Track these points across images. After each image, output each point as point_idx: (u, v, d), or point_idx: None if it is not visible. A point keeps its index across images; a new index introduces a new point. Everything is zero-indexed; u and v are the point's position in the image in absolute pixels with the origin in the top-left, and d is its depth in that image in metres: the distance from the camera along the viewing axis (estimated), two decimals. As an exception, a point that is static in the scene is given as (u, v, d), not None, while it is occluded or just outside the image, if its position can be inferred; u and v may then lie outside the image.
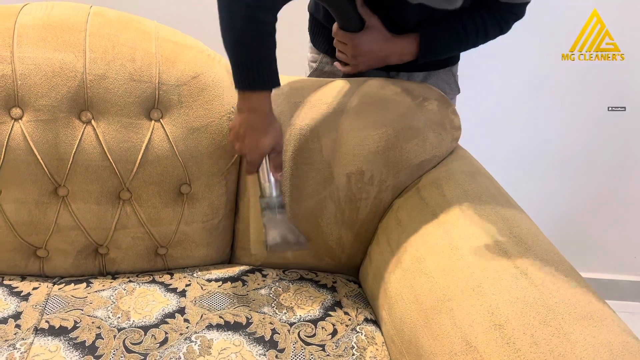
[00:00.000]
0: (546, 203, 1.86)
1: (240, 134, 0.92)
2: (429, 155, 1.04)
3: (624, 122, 1.71)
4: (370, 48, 1.05)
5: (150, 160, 0.96)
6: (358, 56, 1.06)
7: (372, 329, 0.93)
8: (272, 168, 0.94)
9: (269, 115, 0.91)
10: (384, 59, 1.07)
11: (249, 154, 0.93)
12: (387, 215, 1.04)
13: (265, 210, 0.95)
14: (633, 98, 1.68)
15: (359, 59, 1.07)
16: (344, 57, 1.09)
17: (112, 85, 0.92)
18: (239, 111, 0.91)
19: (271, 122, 0.92)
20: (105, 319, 0.89)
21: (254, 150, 0.92)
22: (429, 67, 1.17)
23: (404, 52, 1.06)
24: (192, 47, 1.00)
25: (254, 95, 0.89)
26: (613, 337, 0.63)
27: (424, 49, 1.06)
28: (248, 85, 0.88)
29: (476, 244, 0.82)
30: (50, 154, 0.92)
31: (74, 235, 0.99)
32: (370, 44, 1.05)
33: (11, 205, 0.95)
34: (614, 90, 1.67)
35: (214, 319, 0.90)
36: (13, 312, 0.89)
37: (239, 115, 0.91)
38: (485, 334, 0.68)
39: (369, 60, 1.07)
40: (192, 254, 1.07)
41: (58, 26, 0.92)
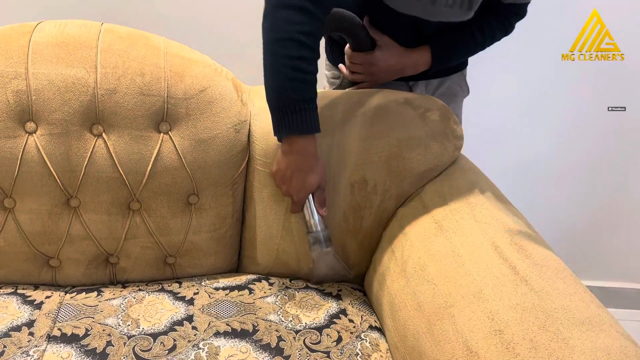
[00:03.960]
0: (547, 207, 1.86)
1: (287, 176, 0.94)
2: (432, 164, 1.06)
3: (624, 122, 1.71)
4: (387, 64, 1.11)
5: (159, 172, 0.99)
6: (375, 74, 1.12)
7: (377, 336, 0.94)
8: (316, 204, 0.97)
9: (315, 155, 0.94)
10: (400, 71, 1.13)
11: (296, 195, 0.95)
12: (390, 223, 1.06)
13: (315, 245, 0.98)
14: (633, 98, 1.68)
15: (377, 76, 1.13)
16: (360, 78, 1.14)
17: (122, 99, 0.95)
18: (284, 155, 0.93)
19: (317, 161, 0.94)
20: (116, 327, 0.91)
21: (301, 190, 0.94)
22: (443, 73, 1.23)
23: (418, 63, 1.12)
24: (200, 61, 1.03)
25: (301, 139, 0.91)
26: (611, 341, 0.64)
27: (437, 58, 1.11)
28: (298, 130, 0.89)
29: (477, 251, 0.84)
30: (62, 166, 0.95)
31: (85, 245, 1.02)
32: (387, 61, 1.10)
33: (25, 216, 0.97)
34: (614, 90, 1.67)
35: (222, 326, 0.92)
36: (26, 320, 0.91)
37: (284, 158, 0.93)
38: (485, 339, 0.69)
39: (387, 75, 1.13)
40: (200, 263, 1.09)
41: (71, 43, 0.95)
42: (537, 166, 1.81)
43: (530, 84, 1.70)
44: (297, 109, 0.87)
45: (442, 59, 1.13)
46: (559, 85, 1.69)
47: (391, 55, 1.10)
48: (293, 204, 0.97)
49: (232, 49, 1.52)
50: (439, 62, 1.13)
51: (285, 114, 0.88)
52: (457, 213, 0.94)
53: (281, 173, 0.95)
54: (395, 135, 1.04)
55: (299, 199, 0.96)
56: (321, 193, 0.98)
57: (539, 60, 1.67)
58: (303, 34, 0.85)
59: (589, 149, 1.77)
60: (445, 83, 1.25)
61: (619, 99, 1.70)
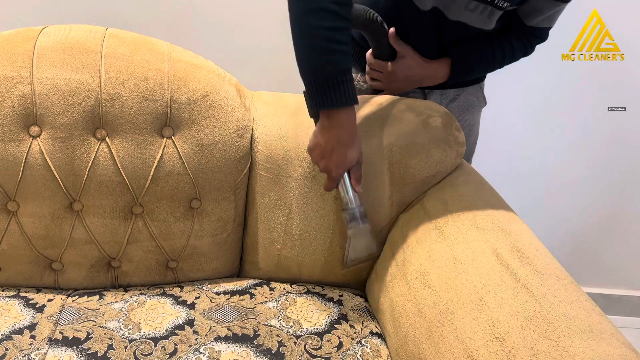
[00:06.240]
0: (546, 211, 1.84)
1: (327, 151, 0.91)
2: (434, 171, 1.06)
3: (624, 122, 1.71)
4: (406, 74, 1.12)
5: (162, 176, 0.99)
6: (394, 82, 1.13)
7: (378, 342, 0.94)
8: (353, 181, 0.95)
9: (355, 128, 0.92)
10: (419, 82, 1.15)
11: (335, 169, 0.93)
12: (392, 229, 1.06)
13: (352, 222, 0.97)
14: (633, 98, 1.68)
15: (395, 85, 1.14)
16: (377, 85, 1.15)
17: (126, 104, 0.96)
18: (323, 129, 0.90)
19: (356, 134, 0.93)
20: (117, 331, 0.91)
21: (340, 165, 0.92)
22: (460, 84, 1.23)
23: (437, 75, 1.14)
24: (203, 66, 1.03)
25: (341, 111, 0.88)
26: (612, 350, 0.64)
27: (455, 71, 1.13)
28: (339, 103, 0.86)
29: (478, 258, 0.84)
30: (66, 170, 0.96)
31: (87, 248, 1.02)
32: (406, 71, 1.11)
33: (28, 219, 0.98)
34: (614, 90, 1.67)
35: (222, 331, 0.92)
36: (28, 323, 0.92)
37: (323, 134, 0.91)
38: (486, 346, 0.69)
39: (406, 85, 1.15)
40: (201, 267, 1.09)
41: (75, 48, 0.96)
42: (536, 167, 1.80)
43: (530, 85, 1.70)
44: (336, 81, 0.85)
45: (460, 72, 1.14)
46: (558, 86, 1.69)
47: (410, 66, 1.11)
48: (329, 180, 0.95)
49: (236, 54, 1.53)
50: (458, 74, 1.14)
51: (322, 88, 0.85)
52: (459, 219, 0.94)
53: (320, 148, 0.92)
54: (397, 141, 1.04)
55: (338, 175, 0.93)
56: (358, 169, 0.96)
57: (539, 61, 1.66)
58: (336, 4, 0.83)
59: (589, 149, 1.76)
60: (461, 94, 1.25)
61: (619, 99, 1.69)
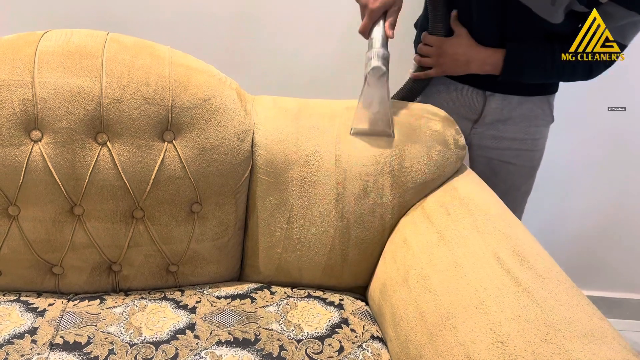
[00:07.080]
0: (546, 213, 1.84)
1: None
2: (434, 174, 1.06)
3: (624, 122, 1.70)
4: (455, 51, 1.12)
5: (163, 180, 1.00)
6: (441, 57, 1.13)
7: (379, 346, 0.94)
8: (387, 24, 0.97)
9: None
10: (465, 63, 1.13)
11: (373, 2, 0.95)
12: (393, 233, 1.06)
13: (372, 60, 0.97)
14: (633, 98, 1.67)
15: (441, 60, 1.14)
16: (426, 61, 1.15)
17: (127, 108, 0.96)
18: None
19: None
20: (118, 335, 0.91)
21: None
22: (524, 92, 1.19)
23: (486, 61, 1.11)
24: (204, 71, 1.03)
25: None
26: (613, 354, 0.64)
27: (508, 63, 1.09)
28: None
29: (479, 262, 0.84)
30: (67, 174, 0.96)
31: (88, 252, 1.02)
32: (455, 47, 1.12)
33: (29, 224, 0.98)
34: (614, 90, 1.66)
35: (223, 335, 0.92)
36: (29, 328, 0.92)
37: None
38: (487, 351, 0.69)
39: (452, 62, 1.14)
40: (202, 271, 1.09)
41: (77, 52, 0.96)
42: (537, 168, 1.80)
43: (529, 84, 1.70)
44: None
45: (513, 66, 1.09)
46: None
47: (459, 44, 1.12)
48: (367, 16, 0.97)
49: (236, 58, 1.53)
50: (510, 68, 1.09)
51: None
52: (459, 223, 0.94)
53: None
54: (397, 145, 1.04)
55: (375, 8, 0.95)
56: (394, 12, 0.98)
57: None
58: None
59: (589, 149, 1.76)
60: (525, 103, 1.21)
61: (619, 99, 1.69)
